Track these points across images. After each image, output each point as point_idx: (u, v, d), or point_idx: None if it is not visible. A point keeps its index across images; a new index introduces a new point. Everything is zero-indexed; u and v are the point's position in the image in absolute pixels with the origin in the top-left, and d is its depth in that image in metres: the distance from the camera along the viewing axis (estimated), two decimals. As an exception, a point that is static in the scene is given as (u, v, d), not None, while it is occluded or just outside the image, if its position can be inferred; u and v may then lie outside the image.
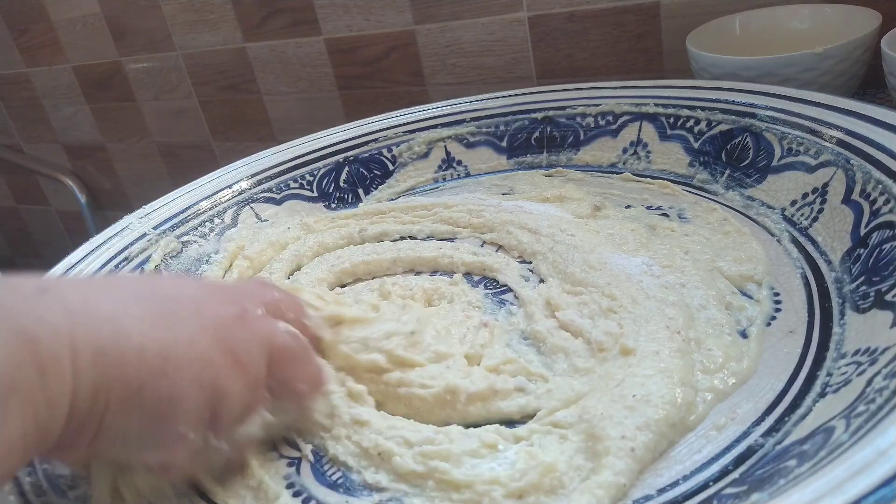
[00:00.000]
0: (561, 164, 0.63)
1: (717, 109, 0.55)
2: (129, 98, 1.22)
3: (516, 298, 0.46)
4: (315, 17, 0.96)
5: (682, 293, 0.42)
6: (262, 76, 1.06)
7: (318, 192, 0.64)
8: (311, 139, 0.68)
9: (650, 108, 0.59)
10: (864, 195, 0.42)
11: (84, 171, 1.40)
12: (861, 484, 0.23)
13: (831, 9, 0.65)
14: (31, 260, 1.67)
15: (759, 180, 0.51)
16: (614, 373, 0.36)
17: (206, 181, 0.62)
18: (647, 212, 0.53)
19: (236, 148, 1.16)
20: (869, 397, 0.29)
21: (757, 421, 0.33)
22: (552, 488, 0.31)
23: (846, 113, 0.47)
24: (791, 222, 0.47)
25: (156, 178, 1.29)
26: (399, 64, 0.94)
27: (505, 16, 0.83)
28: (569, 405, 0.35)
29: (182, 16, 1.07)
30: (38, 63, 1.29)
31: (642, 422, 0.32)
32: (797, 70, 0.57)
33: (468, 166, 0.66)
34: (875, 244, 0.39)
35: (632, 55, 0.79)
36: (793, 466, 0.27)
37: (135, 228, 0.56)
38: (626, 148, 0.61)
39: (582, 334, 0.40)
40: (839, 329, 0.37)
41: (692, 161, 0.56)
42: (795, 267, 0.43)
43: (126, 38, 1.15)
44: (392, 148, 0.67)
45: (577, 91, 0.65)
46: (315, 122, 0.97)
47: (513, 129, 0.66)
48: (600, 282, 0.43)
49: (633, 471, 0.31)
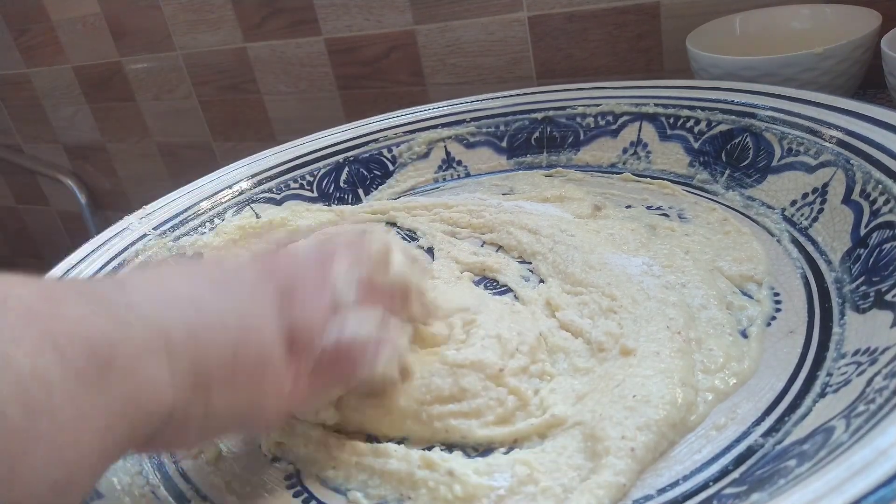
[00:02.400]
0: (561, 165, 0.63)
1: (717, 109, 0.55)
2: (129, 98, 1.22)
3: (516, 299, 0.46)
4: (315, 17, 0.96)
5: (682, 293, 0.42)
6: (262, 76, 1.06)
7: (319, 193, 0.64)
8: (311, 139, 0.68)
9: (650, 108, 0.59)
10: (864, 195, 0.42)
11: (84, 171, 1.40)
12: (861, 484, 0.23)
13: (831, 9, 0.65)
14: (31, 260, 1.67)
15: (759, 180, 0.51)
16: (614, 373, 0.36)
17: (206, 181, 0.62)
18: (648, 212, 0.53)
19: (236, 148, 1.16)
20: (869, 397, 0.29)
21: (757, 421, 0.33)
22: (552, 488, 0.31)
23: (846, 113, 0.47)
24: (791, 222, 0.47)
25: (156, 178, 1.29)
26: (399, 64, 0.94)
27: (505, 16, 0.83)
28: (569, 405, 0.35)
29: (182, 16, 1.07)
30: (38, 63, 1.29)
31: (642, 422, 0.32)
32: (797, 70, 0.57)
33: (468, 166, 0.66)
34: (875, 244, 0.39)
35: (632, 55, 0.79)
36: (793, 466, 0.27)
37: (135, 229, 0.56)
38: (626, 148, 0.61)
39: (582, 334, 0.40)
40: (839, 329, 0.37)
41: (692, 161, 0.56)
42: (795, 267, 0.43)
43: (126, 38, 1.15)
44: (392, 148, 0.67)
45: (577, 91, 0.65)
46: (315, 122, 0.97)
47: (513, 129, 0.66)
48: (600, 282, 0.43)
49: (633, 471, 0.31)
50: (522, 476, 0.32)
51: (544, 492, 0.31)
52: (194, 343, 0.27)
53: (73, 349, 0.22)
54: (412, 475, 0.33)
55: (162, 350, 0.26)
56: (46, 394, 0.21)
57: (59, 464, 0.21)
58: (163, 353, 0.26)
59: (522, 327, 0.40)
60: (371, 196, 0.65)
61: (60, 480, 0.21)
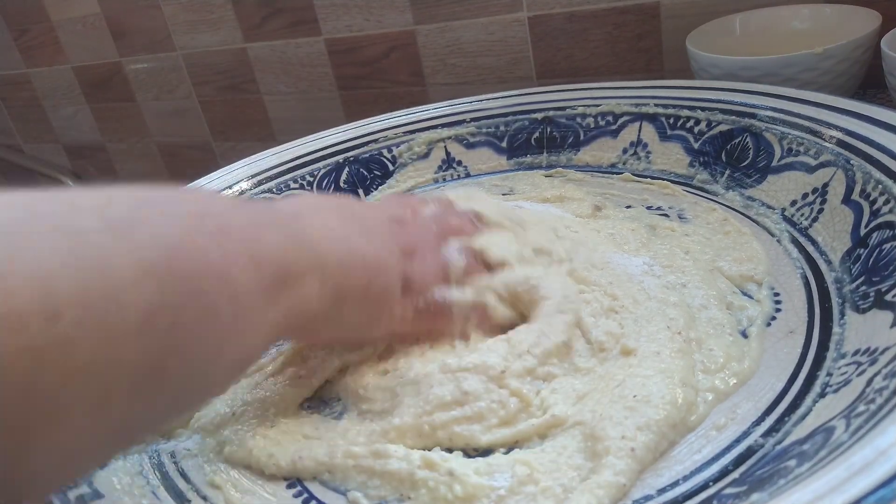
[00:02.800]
0: (561, 165, 0.63)
1: (717, 110, 0.55)
2: (129, 98, 1.22)
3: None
4: (315, 17, 0.96)
5: (683, 293, 0.42)
6: (262, 76, 1.06)
7: (319, 193, 0.64)
8: (311, 139, 0.68)
9: (650, 109, 0.59)
10: (864, 195, 0.42)
11: (84, 171, 1.40)
12: (861, 484, 0.23)
13: (831, 9, 0.65)
14: (31, 260, 1.66)
15: (759, 180, 0.51)
16: (615, 373, 0.36)
17: (206, 181, 0.62)
18: (648, 212, 0.53)
19: (236, 148, 1.16)
20: (869, 397, 0.29)
21: (757, 421, 0.33)
22: (552, 488, 0.31)
23: (846, 113, 0.47)
24: (791, 222, 0.47)
25: (156, 178, 1.29)
26: (399, 64, 0.94)
27: (505, 16, 0.83)
28: (569, 405, 0.35)
29: (182, 16, 1.07)
30: (38, 63, 1.29)
31: (643, 422, 0.32)
32: (797, 70, 0.57)
33: (468, 166, 0.66)
34: (875, 244, 0.39)
35: (632, 55, 0.79)
36: (793, 466, 0.27)
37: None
38: (626, 148, 0.61)
39: (585, 333, 0.40)
40: (839, 329, 0.37)
41: (692, 161, 0.56)
42: (795, 267, 0.43)
43: (126, 38, 1.15)
44: (392, 148, 0.67)
45: (577, 91, 0.65)
46: (315, 122, 0.97)
47: (513, 130, 0.66)
48: (603, 281, 0.43)
49: (633, 471, 0.31)
50: (522, 476, 0.32)
51: (544, 492, 0.31)
52: (341, 271, 0.35)
53: (266, 268, 0.30)
54: (412, 475, 0.33)
55: (318, 274, 0.33)
56: (247, 300, 0.28)
57: (243, 350, 0.30)
58: (318, 276, 0.33)
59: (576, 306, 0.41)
60: (371, 196, 0.65)
61: (242, 360, 0.31)
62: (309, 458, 0.36)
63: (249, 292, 0.29)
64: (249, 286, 0.29)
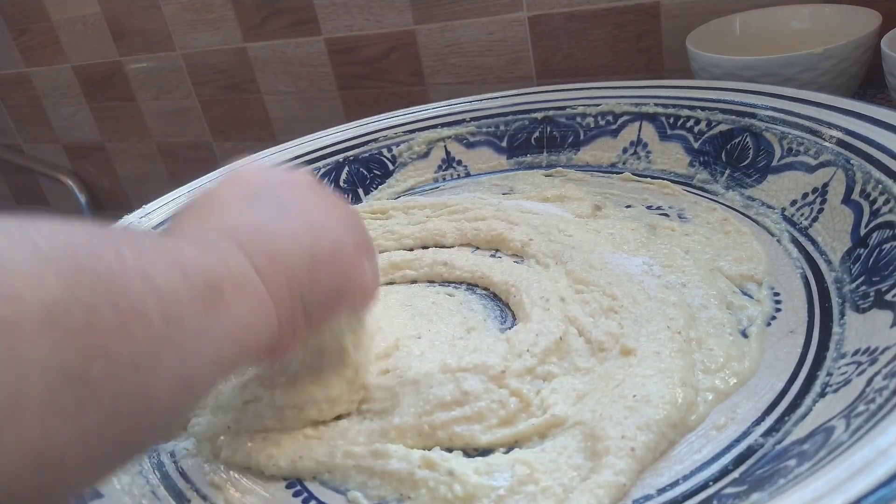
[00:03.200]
0: (561, 164, 0.63)
1: (717, 109, 0.55)
2: (129, 98, 1.22)
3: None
4: (315, 17, 0.96)
5: (682, 293, 0.42)
6: (262, 76, 1.06)
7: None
8: (311, 139, 0.68)
9: (650, 108, 0.59)
10: (864, 195, 0.42)
11: (84, 171, 1.40)
12: (861, 484, 0.23)
13: (831, 9, 0.65)
14: (31, 260, 1.66)
15: (759, 180, 0.51)
16: (615, 373, 0.36)
17: (206, 181, 0.62)
18: (648, 212, 0.53)
19: (236, 148, 1.16)
20: (869, 397, 0.29)
21: (757, 421, 0.33)
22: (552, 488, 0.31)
23: (846, 113, 0.47)
24: (791, 222, 0.47)
25: (156, 178, 1.29)
26: (399, 64, 0.94)
27: (505, 16, 0.83)
28: (569, 405, 0.35)
29: (182, 16, 1.07)
30: (38, 63, 1.29)
31: (643, 422, 0.32)
32: (797, 70, 0.57)
33: (468, 166, 0.66)
34: (875, 244, 0.39)
35: (632, 55, 0.79)
36: (793, 466, 0.27)
37: (135, 229, 0.56)
38: (626, 148, 0.61)
39: (583, 332, 0.40)
40: (839, 329, 0.37)
41: (692, 161, 0.56)
42: (795, 267, 0.43)
43: (126, 38, 1.15)
44: (392, 148, 0.67)
45: (577, 91, 0.65)
46: (315, 122, 0.97)
47: (513, 129, 0.66)
48: (601, 281, 0.43)
49: (633, 471, 0.31)
50: (522, 476, 0.32)
51: (544, 492, 0.31)
52: (278, 263, 0.31)
53: (196, 278, 0.27)
54: (412, 475, 0.33)
55: (255, 279, 0.30)
56: (178, 307, 0.25)
57: (184, 366, 0.26)
58: (257, 281, 0.30)
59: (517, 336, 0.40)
60: (371, 196, 0.65)
61: (185, 378, 0.26)
62: (309, 458, 0.36)
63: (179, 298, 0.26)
64: (179, 290, 0.26)
